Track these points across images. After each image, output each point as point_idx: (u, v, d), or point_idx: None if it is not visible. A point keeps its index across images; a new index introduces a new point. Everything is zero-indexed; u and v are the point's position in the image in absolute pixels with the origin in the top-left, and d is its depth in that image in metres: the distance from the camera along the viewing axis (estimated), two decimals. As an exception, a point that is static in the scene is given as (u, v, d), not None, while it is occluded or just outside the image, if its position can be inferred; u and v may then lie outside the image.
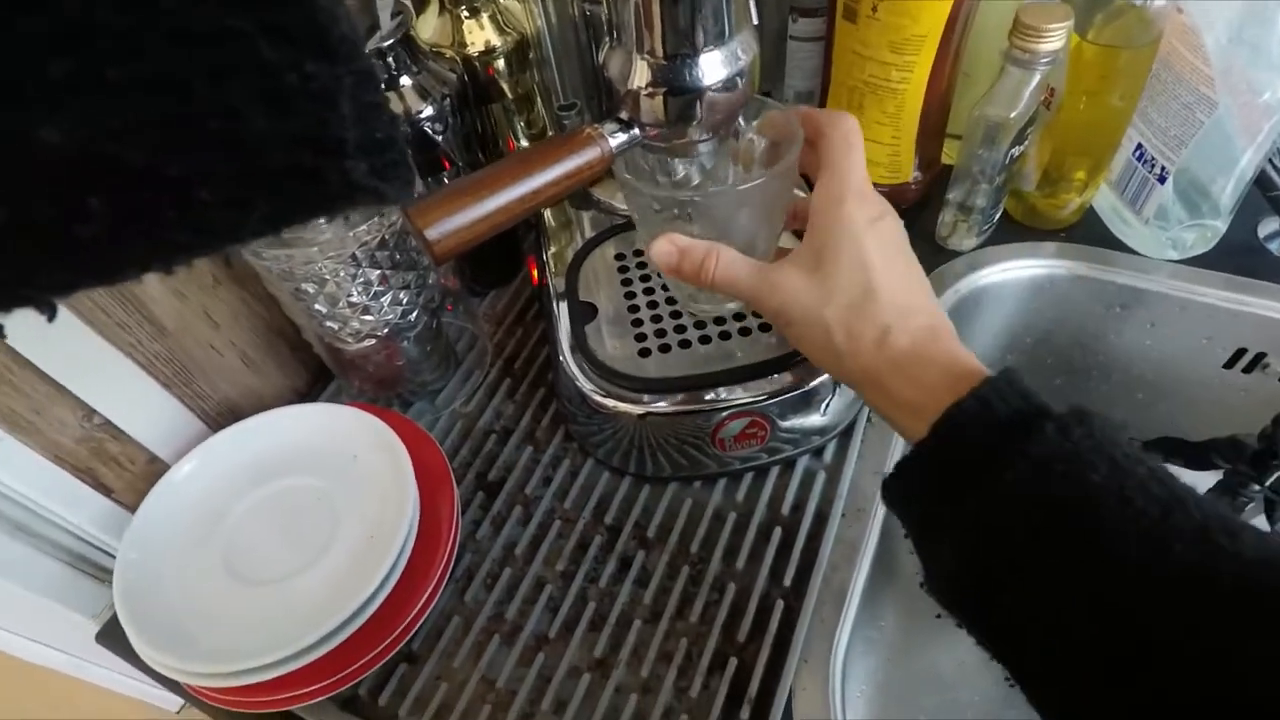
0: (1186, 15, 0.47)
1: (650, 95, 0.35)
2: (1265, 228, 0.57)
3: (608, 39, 0.37)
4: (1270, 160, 0.50)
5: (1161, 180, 0.52)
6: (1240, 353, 0.55)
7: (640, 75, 0.35)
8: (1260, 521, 0.39)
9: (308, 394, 0.57)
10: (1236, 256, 0.55)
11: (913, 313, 0.31)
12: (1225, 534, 0.21)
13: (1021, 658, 0.25)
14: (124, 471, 0.46)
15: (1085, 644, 0.23)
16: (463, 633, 0.44)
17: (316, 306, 0.44)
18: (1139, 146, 0.53)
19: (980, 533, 0.26)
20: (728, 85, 0.36)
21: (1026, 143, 0.52)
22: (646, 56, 0.35)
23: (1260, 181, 0.51)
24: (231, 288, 0.50)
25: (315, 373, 0.58)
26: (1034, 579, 0.24)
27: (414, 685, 0.42)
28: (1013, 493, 0.25)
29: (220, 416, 0.51)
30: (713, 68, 0.35)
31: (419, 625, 0.43)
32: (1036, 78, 0.48)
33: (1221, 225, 0.54)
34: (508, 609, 0.44)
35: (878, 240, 0.32)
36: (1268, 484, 0.37)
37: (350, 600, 0.39)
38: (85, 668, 0.58)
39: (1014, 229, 0.59)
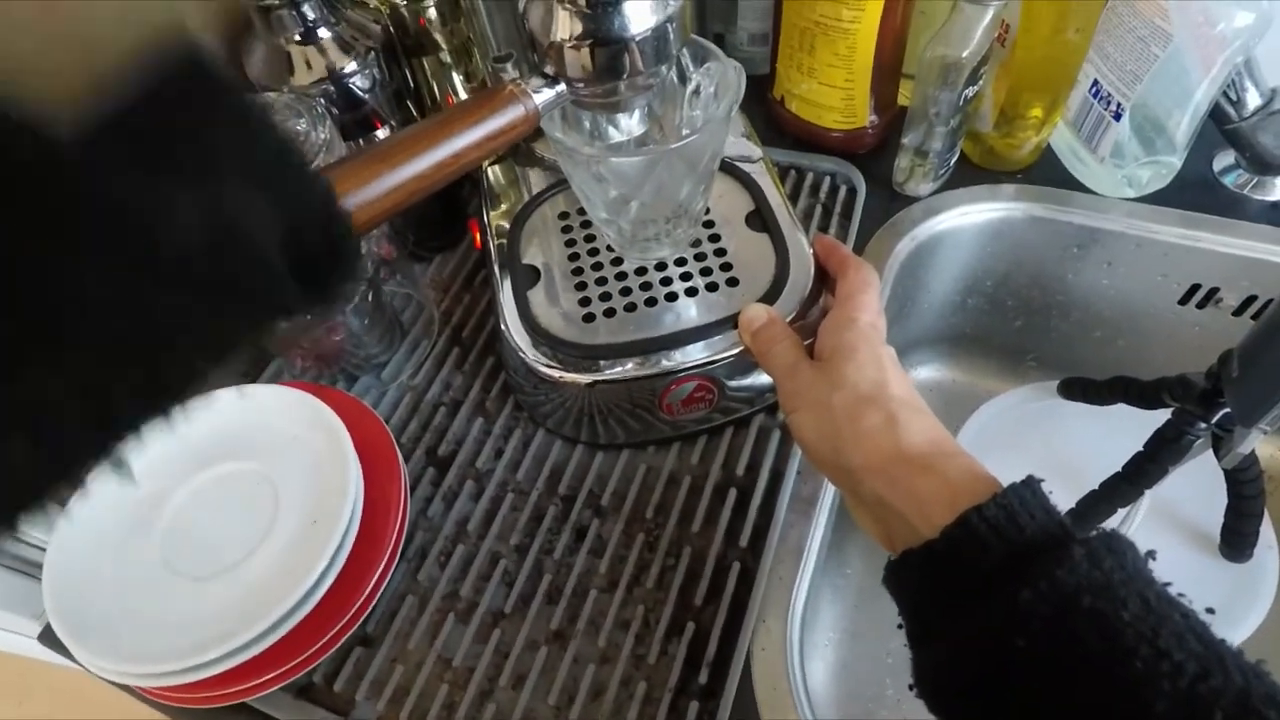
0: (1143, -59, 0.45)
1: (575, 47, 0.33)
2: (1220, 161, 0.56)
3: (527, -14, 0.34)
4: (1224, 93, 0.49)
5: (1117, 117, 0.51)
6: (1194, 288, 0.55)
7: (562, 26, 0.33)
8: (1208, 458, 0.39)
9: (249, 372, 0.55)
10: (1192, 192, 0.54)
11: (923, 412, 0.32)
12: (1268, 703, 0.20)
13: None
14: (52, 465, 0.44)
15: None
16: (417, 612, 0.43)
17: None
18: (1095, 83, 0.52)
19: (977, 650, 0.24)
20: (657, 32, 0.33)
21: (981, 82, 0.50)
22: (568, 5, 0.33)
23: (1215, 115, 0.50)
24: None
25: (255, 353, 0.55)
26: (1038, 714, 0.22)
27: (370, 668, 0.41)
28: (1026, 616, 0.22)
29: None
30: (639, 14, 0.33)
31: (371, 607, 0.42)
32: (990, 14, 0.46)
33: (1177, 161, 0.53)
34: (462, 586, 0.44)
35: (891, 356, 0.34)
36: (1214, 421, 0.37)
37: (297, 586, 0.37)
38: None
39: (971, 172, 0.58)
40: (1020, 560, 0.24)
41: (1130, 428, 0.41)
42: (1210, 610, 0.23)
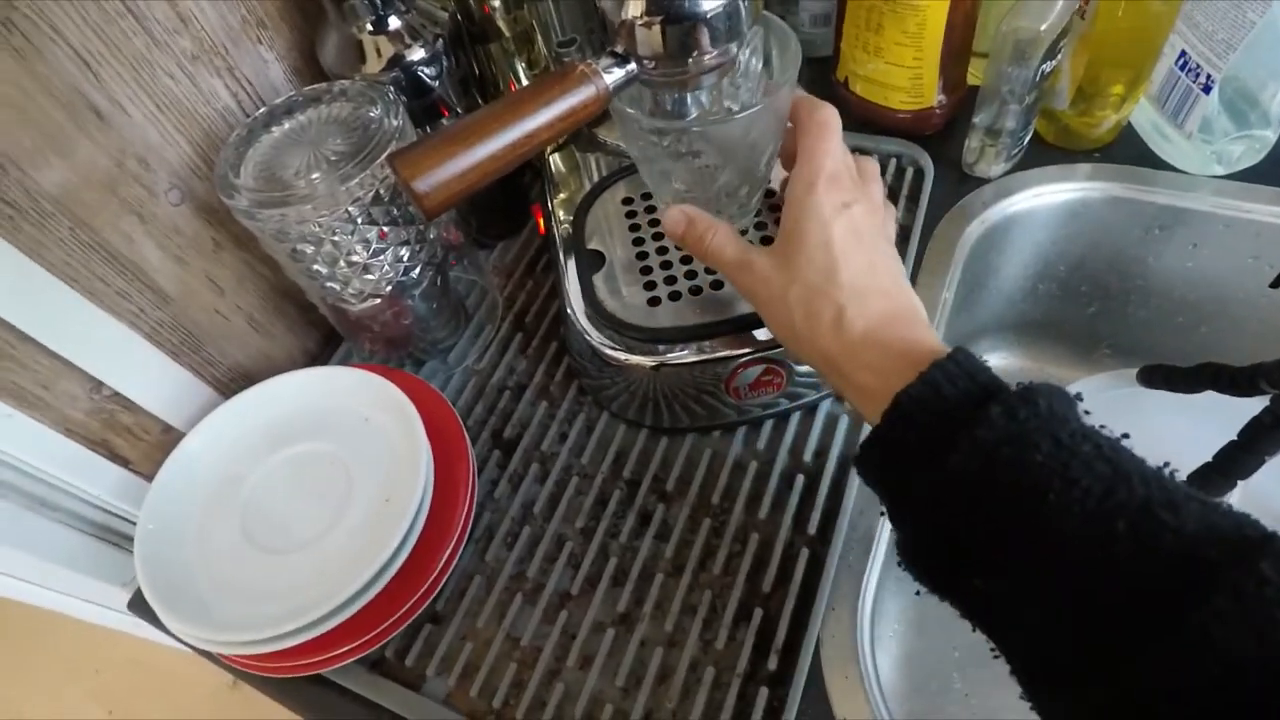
0: (1240, -99, 0.43)
1: (646, 25, 0.33)
2: (1320, 137, 0.52)
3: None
4: (1329, 61, 0.46)
5: (1207, 90, 0.48)
6: (1288, 273, 0.52)
7: (634, 4, 0.33)
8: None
9: (319, 355, 0.56)
10: (1287, 169, 0.51)
11: (870, 295, 0.31)
12: (1168, 508, 0.22)
13: (991, 631, 0.26)
14: (139, 442, 0.46)
15: (1043, 622, 0.23)
16: (485, 592, 0.43)
17: (315, 267, 0.42)
18: (1182, 54, 0.49)
19: (931, 516, 0.26)
20: (729, 9, 0.33)
21: (1059, 57, 0.48)
22: (641, -18, 0.32)
23: (1317, 86, 0.47)
24: (234, 251, 0.49)
25: (326, 333, 0.57)
26: (987, 560, 0.25)
27: (440, 645, 0.42)
28: (959, 477, 0.25)
29: (232, 382, 0.51)
30: (713, -9, 0.32)
31: (441, 586, 0.43)
32: (1071, -18, 0.44)
33: (1272, 135, 0.50)
34: (529, 567, 0.44)
35: (845, 225, 0.32)
36: (1318, 410, 0.35)
37: (370, 564, 0.38)
38: (142, 626, 0.60)
39: (1045, 152, 0.56)
40: (950, 428, 0.25)
41: (1217, 418, 0.39)
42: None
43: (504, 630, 0.42)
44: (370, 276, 0.44)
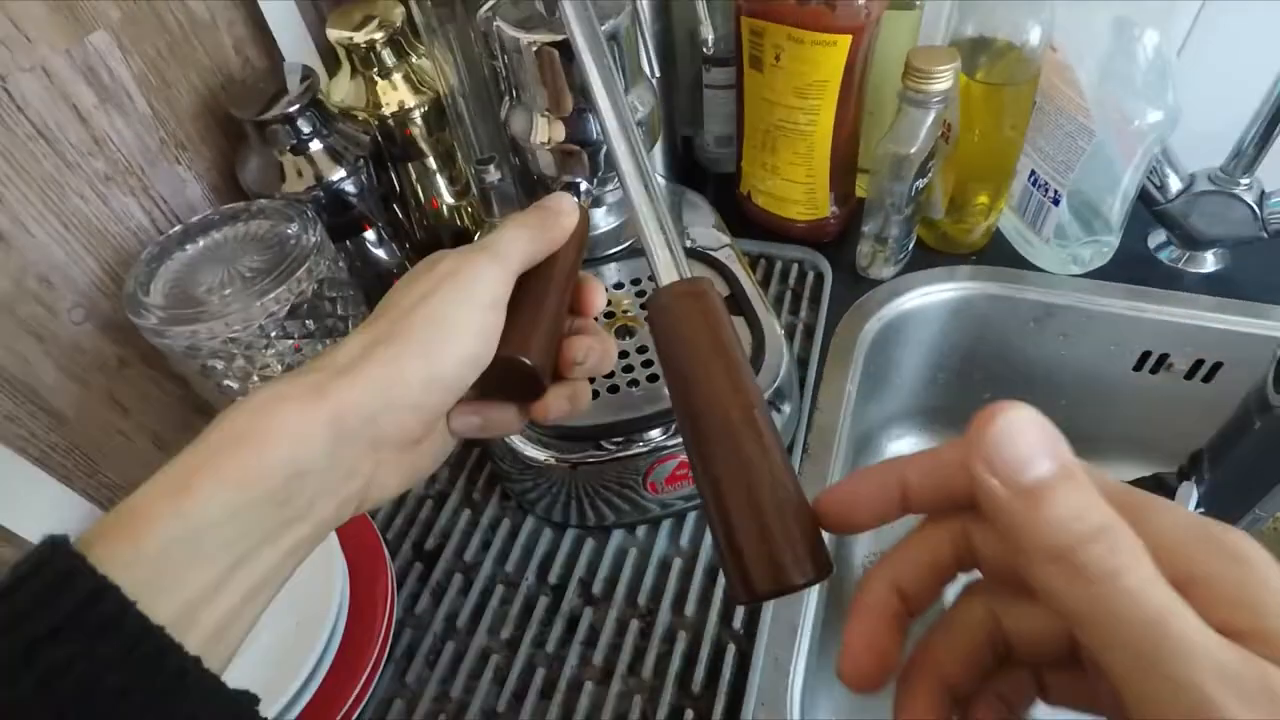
0: (1060, 54, 0.50)
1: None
2: (1154, 239, 0.60)
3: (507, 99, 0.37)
4: (1149, 178, 0.54)
5: (1056, 202, 0.55)
6: (1145, 355, 0.58)
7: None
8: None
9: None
10: (1131, 267, 0.58)
11: None
12: None
13: None
14: (21, 577, 0.43)
15: None
16: (406, 717, 0.41)
17: (226, 383, 0.42)
18: (1032, 172, 0.56)
19: None
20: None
21: (930, 174, 0.54)
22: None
23: (1143, 197, 0.55)
24: (141, 368, 0.47)
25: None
26: None
27: (355, 779, 0.39)
28: None
29: (130, 506, 0.48)
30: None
31: (357, 714, 0.40)
32: (931, 115, 0.50)
33: (1114, 240, 0.57)
34: (453, 686, 0.42)
35: None
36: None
37: (280, 694, 0.36)
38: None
39: (929, 255, 0.62)
40: None
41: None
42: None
43: (425, 758, 0.40)
44: (286, 389, 0.43)
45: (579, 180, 0.37)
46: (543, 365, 0.27)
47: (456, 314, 0.25)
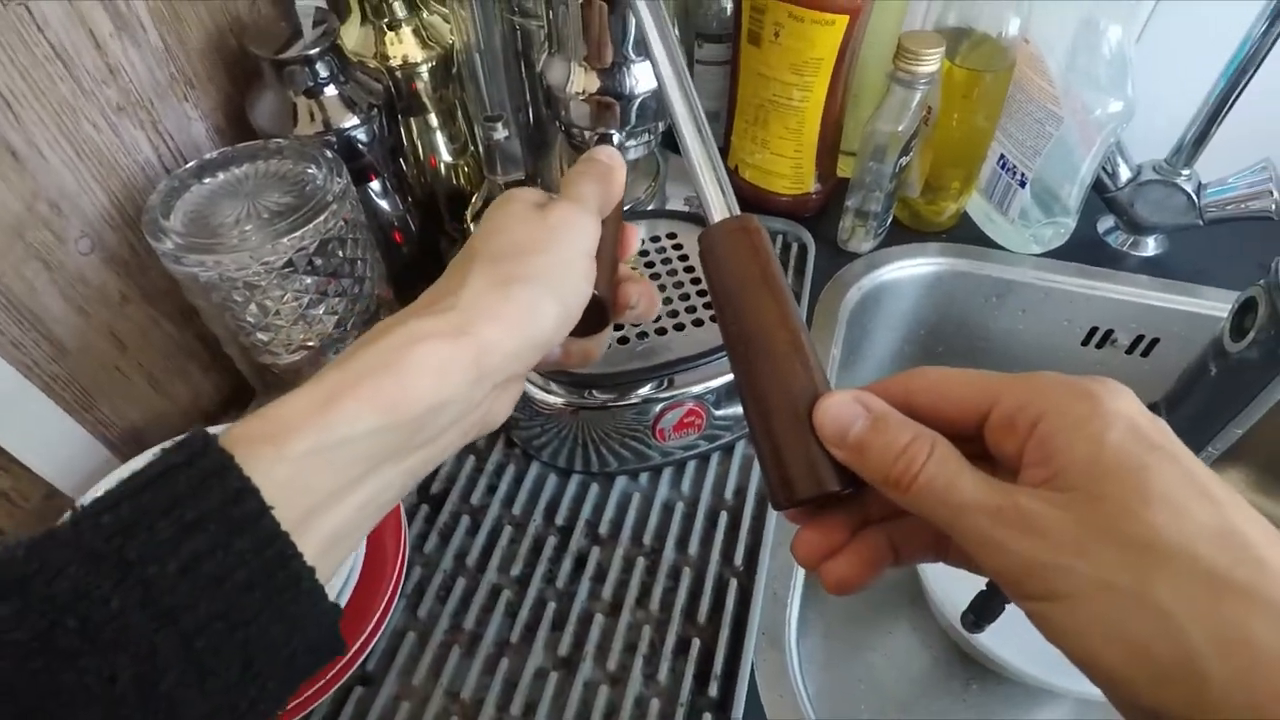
0: (1032, 45, 0.55)
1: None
2: (1102, 224, 0.66)
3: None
4: (1103, 167, 0.59)
5: (1022, 185, 0.60)
6: (1093, 331, 0.64)
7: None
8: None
9: (221, 417, 0.54)
10: (1084, 249, 0.64)
11: None
12: None
13: None
14: (15, 509, 0.41)
15: None
16: (419, 648, 0.42)
17: (246, 317, 0.42)
18: (1002, 157, 0.61)
19: None
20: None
21: (911, 154, 0.58)
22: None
23: (1096, 185, 0.60)
24: (142, 306, 0.46)
25: (231, 394, 0.54)
26: None
27: (373, 708, 0.40)
28: None
29: (125, 445, 0.47)
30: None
31: (371, 646, 0.41)
32: (918, 96, 0.54)
33: (1072, 222, 0.62)
34: (464, 619, 0.43)
35: (1205, 474, 0.19)
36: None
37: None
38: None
39: (903, 232, 0.66)
40: None
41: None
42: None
43: (442, 686, 0.41)
44: (301, 328, 0.44)
45: (612, 132, 0.38)
46: (611, 305, 0.30)
47: (577, 260, 0.27)
